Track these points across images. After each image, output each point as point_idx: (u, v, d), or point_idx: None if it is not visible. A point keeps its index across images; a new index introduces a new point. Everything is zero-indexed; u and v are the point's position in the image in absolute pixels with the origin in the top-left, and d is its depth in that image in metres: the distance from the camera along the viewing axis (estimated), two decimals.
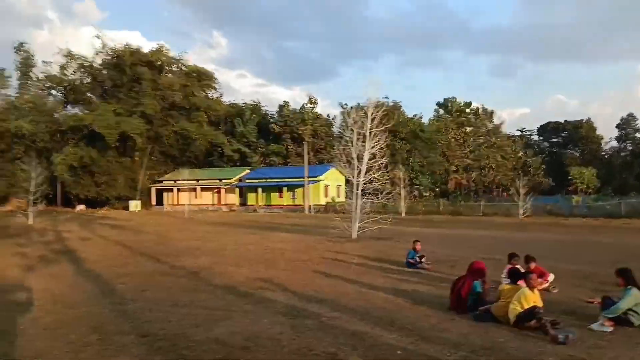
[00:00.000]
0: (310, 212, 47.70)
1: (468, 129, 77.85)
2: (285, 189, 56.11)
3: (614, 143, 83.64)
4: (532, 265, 9.12)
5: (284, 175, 57.46)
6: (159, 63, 61.88)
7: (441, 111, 79.95)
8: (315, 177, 54.65)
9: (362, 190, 19.99)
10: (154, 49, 62.85)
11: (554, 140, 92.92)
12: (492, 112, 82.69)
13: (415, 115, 74.85)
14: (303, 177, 51.45)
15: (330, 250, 15.61)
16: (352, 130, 20.02)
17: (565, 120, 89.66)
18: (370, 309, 7.58)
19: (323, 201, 53.95)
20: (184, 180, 48.77)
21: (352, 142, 19.83)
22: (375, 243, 17.88)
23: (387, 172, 22.48)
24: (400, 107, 69.16)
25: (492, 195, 65.94)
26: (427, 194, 66.02)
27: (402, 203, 41.98)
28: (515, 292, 6.76)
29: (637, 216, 31.46)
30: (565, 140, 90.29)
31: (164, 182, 62.19)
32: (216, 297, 8.71)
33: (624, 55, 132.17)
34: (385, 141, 20.82)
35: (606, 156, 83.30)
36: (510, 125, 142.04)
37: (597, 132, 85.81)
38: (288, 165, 66.50)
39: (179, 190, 58.97)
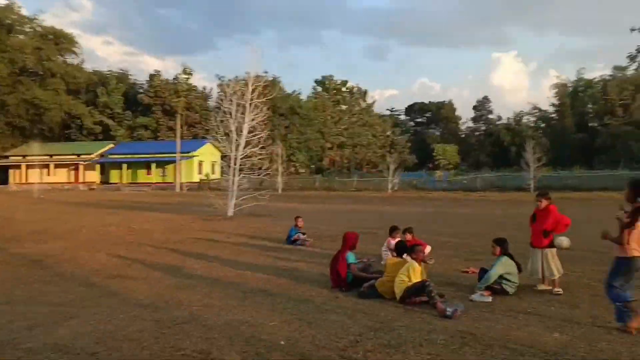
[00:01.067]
0: (183, 190, 45.30)
1: (343, 107, 79.97)
2: (154, 165, 52.57)
3: (470, 123, 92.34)
4: (408, 236, 9.03)
5: (153, 151, 53.72)
6: (8, 21, 53.39)
7: (319, 88, 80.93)
8: (189, 152, 51.95)
9: (239, 165, 19.04)
10: (3, 6, 54.08)
11: (419, 120, 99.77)
12: (365, 92, 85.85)
13: (294, 92, 74.87)
14: (175, 153, 48.50)
15: (204, 230, 14.51)
16: (231, 100, 18.85)
17: (430, 102, 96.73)
18: (249, 292, 6.83)
19: (197, 178, 51.64)
20: (35, 155, 42.93)
21: (230, 113, 18.68)
22: (253, 220, 17.14)
23: (266, 147, 21.72)
24: (280, 82, 68.54)
25: (364, 172, 68.88)
26: (304, 171, 66.80)
27: (280, 179, 41.72)
28: (401, 266, 6.49)
29: (491, 189, 34.96)
30: (429, 120, 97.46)
31: (9, 157, 54.42)
32: (63, 290, 7.27)
33: (482, 44, 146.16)
34: (265, 114, 20.00)
35: (463, 135, 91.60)
36: (380, 105, 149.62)
37: (456, 113, 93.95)
38: (158, 139, 62.34)
39: (28, 167, 52.01)
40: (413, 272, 6.22)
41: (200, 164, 54.63)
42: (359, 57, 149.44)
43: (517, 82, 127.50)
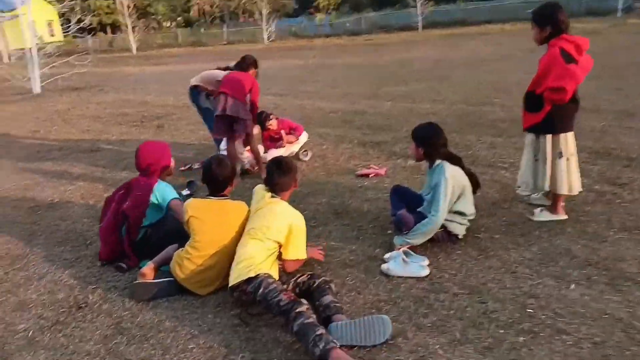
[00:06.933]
0: (10, 60, 36.15)
1: None
2: None
3: None
4: (273, 123, 5.18)
5: None
6: None
7: None
8: (12, 10, 40.91)
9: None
10: None
11: None
12: None
13: None
14: None
15: None
16: None
17: None
18: None
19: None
20: None
21: None
22: (67, 97, 12.16)
23: None
24: None
25: (240, 21, 61.28)
26: (168, 24, 57.71)
27: (131, 37, 34.39)
28: (241, 212, 2.79)
29: (376, 31, 31.57)
30: None
31: None
32: None
33: None
34: None
35: None
36: None
37: None
38: None
39: None
40: (297, 234, 2.58)
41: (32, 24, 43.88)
42: None
43: None
